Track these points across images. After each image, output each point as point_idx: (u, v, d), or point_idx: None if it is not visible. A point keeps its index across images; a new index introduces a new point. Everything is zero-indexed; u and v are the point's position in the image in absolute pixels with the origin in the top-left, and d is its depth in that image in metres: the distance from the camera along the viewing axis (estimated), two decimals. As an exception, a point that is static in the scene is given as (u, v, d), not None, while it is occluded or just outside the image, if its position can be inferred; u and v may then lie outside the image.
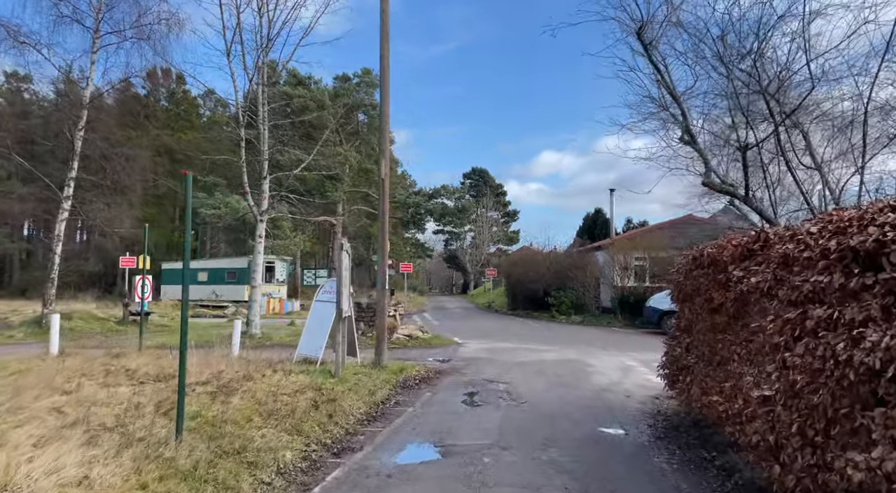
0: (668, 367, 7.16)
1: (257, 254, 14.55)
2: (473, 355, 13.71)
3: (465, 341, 16.60)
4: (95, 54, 16.27)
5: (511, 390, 9.28)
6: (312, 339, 10.32)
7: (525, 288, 31.40)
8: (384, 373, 9.76)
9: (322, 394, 7.42)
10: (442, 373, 10.91)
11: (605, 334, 20.69)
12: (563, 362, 12.60)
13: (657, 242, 24.48)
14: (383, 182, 10.17)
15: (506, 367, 11.74)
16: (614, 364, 12.31)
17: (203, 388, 6.85)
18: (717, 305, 5.64)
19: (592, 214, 42.84)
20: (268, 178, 14.60)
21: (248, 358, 9.90)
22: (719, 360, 5.64)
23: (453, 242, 79.84)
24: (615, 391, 9.32)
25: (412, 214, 33.60)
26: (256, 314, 14.73)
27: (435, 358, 13.07)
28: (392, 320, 15.31)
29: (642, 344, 16.81)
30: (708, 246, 6.00)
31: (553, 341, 17.41)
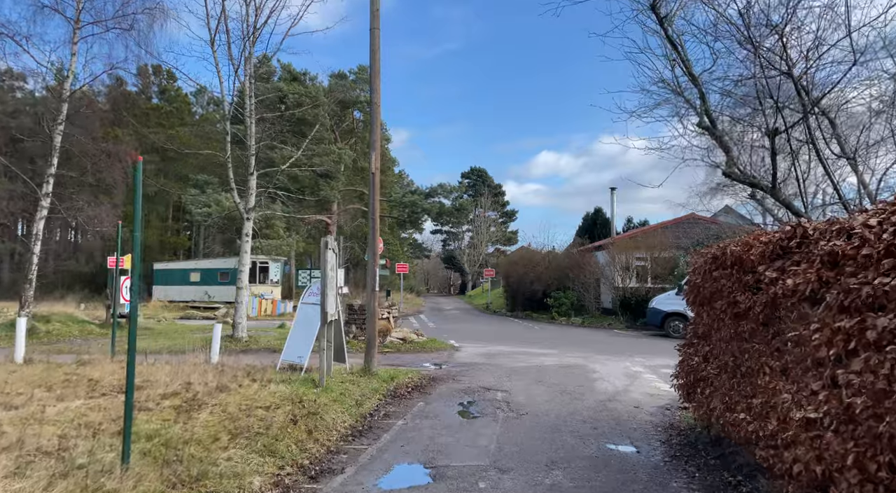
0: (684, 377, 6.50)
1: (244, 253, 13.87)
2: (470, 359, 13.06)
3: (462, 345, 15.95)
4: (76, 45, 15.58)
5: (510, 400, 8.63)
6: (297, 344, 9.66)
7: (524, 289, 30.78)
8: (374, 381, 9.10)
9: (303, 406, 6.76)
10: (436, 380, 10.26)
11: (607, 336, 20.06)
12: (565, 367, 11.95)
13: (660, 242, 23.87)
14: (373, 177, 9.51)
15: (504, 373, 11.09)
16: (619, 370, 11.66)
17: (169, 401, 6.18)
18: (743, 309, 4.99)
19: (592, 214, 42.18)
20: (255, 174, 13.93)
21: (227, 365, 9.23)
22: (745, 371, 4.99)
23: (451, 243, 79.29)
24: (622, 401, 8.67)
25: (409, 213, 32.93)
26: (243, 316, 14.05)
27: (430, 363, 12.42)
28: (385, 322, 14.65)
29: (646, 347, 16.18)
30: (731, 243, 5.35)
31: (553, 344, 16.77)
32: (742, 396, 4.94)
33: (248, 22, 13.22)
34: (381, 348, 14.01)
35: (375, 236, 9.49)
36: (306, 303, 10.13)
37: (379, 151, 9.63)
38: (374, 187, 9.53)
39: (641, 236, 25.19)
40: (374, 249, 9.51)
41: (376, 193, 9.55)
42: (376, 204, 9.51)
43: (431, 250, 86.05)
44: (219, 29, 13.20)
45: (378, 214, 9.47)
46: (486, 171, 75.96)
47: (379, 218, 35.68)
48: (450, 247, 78.62)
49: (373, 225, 9.48)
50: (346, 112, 33.23)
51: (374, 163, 9.47)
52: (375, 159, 9.49)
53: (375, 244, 9.51)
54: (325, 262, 7.94)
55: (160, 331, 16.14)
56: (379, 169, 9.57)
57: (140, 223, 4.37)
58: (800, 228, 4.35)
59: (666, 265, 23.89)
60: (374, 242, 9.51)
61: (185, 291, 33.23)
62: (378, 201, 9.55)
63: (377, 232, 9.51)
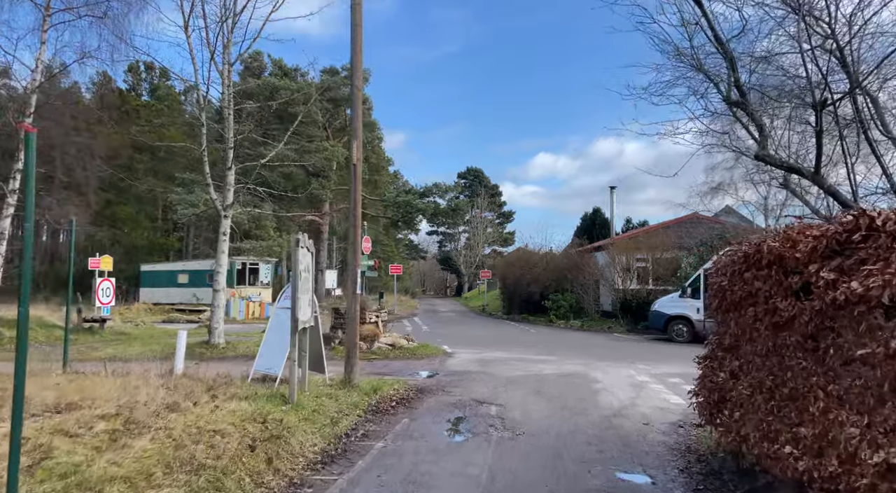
0: (705, 394, 5.62)
1: (220, 253, 12.96)
2: (463, 367, 12.17)
3: (455, 351, 15.06)
4: (46, 34, 14.67)
5: (505, 416, 7.75)
6: (271, 353, 8.77)
7: (521, 291, 29.92)
8: (354, 394, 8.20)
9: (266, 428, 5.86)
10: (425, 391, 9.37)
11: (608, 340, 19.19)
12: (565, 376, 11.07)
13: (661, 242, 23.02)
14: (355, 168, 8.63)
15: (499, 383, 10.20)
16: (623, 379, 10.78)
17: (104, 424, 5.28)
18: (786, 318, 4.12)
19: (591, 214, 41.32)
20: (233, 168, 13.03)
21: (192, 376, 8.34)
22: (788, 394, 4.12)
23: (447, 244, 78.37)
24: (630, 417, 7.79)
25: (402, 213, 32.03)
26: (220, 321, 13.13)
27: (419, 371, 11.53)
28: (373, 327, 13.76)
29: (650, 353, 15.31)
30: (768, 239, 4.47)
31: (552, 349, 15.89)
32: (785, 424, 4.06)
33: (227, 6, 12.34)
34: (369, 354, 13.13)
35: (357, 234, 8.60)
36: (281, 307, 9.24)
37: (361, 140, 8.75)
38: (355, 180, 8.64)
39: (642, 237, 24.34)
40: (356, 247, 8.63)
41: (358, 186, 8.66)
42: (358, 198, 8.63)
43: (427, 252, 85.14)
44: (193, 12, 12.32)
45: (360, 210, 8.59)
46: (483, 171, 75.17)
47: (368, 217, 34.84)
48: (446, 248, 77.69)
49: (354, 222, 8.59)
50: (339, 109, 32.31)
51: (355, 153, 8.59)
52: (357, 149, 8.61)
53: (357, 243, 8.62)
54: (297, 261, 7.05)
55: (136, 336, 15.23)
56: (361, 160, 8.69)
57: (31, 211, 3.47)
58: (864, 217, 3.48)
59: (668, 266, 23.04)
60: (356, 241, 8.62)
61: (172, 293, 32.27)
62: (360, 196, 8.67)
63: (359, 229, 8.63)
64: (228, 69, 12.84)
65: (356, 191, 8.60)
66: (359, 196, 8.62)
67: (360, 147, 8.70)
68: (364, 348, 13.36)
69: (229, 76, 12.84)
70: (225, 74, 12.83)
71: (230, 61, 12.87)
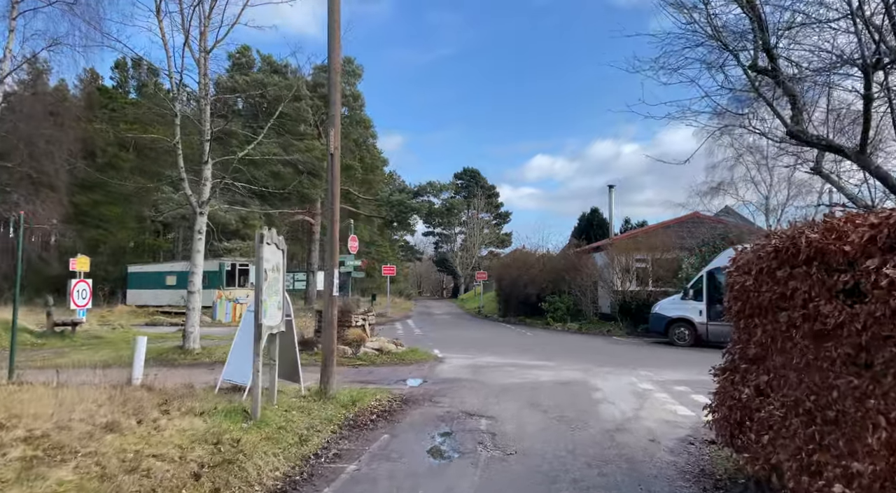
0: (724, 411, 4.87)
1: (196, 253, 12.17)
2: (454, 374, 11.41)
3: (447, 355, 14.29)
4: (14, 21, 13.89)
5: (496, 431, 6.99)
6: (241, 360, 8.00)
7: (517, 292, 29.15)
8: (330, 406, 7.44)
9: (218, 450, 5.10)
10: (410, 402, 8.60)
11: (607, 344, 18.45)
12: (562, 384, 10.32)
13: (662, 243, 22.29)
14: (332, 158, 7.87)
15: (492, 393, 9.44)
16: (624, 387, 10.03)
17: (22, 450, 4.50)
18: (832, 326, 3.37)
19: (588, 214, 40.57)
20: (210, 162, 12.26)
21: (150, 387, 7.57)
22: (835, 418, 3.38)
23: (443, 245, 77.62)
24: (633, 431, 7.04)
25: (396, 212, 31.27)
26: (195, 325, 12.34)
27: (406, 379, 10.77)
28: (359, 331, 13.00)
29: (651, 358, 14.56)
30: (806, 229, 3.73)
31: (549, 354, 15.14)
32: (833, 455, 3.32)
33: (202, -11, 11.58)
34: (354, 360, 12.37)
35: (335, 230, 7.84)
36: (253, 311, 8.48)
37: (338, 128, 7.99)
38: (332, 171, 7.88)
39: (642, 237, 23.62)
40: (332, 245, 7.86)
41: (335, 179, 7.90)
42: (336, 191, 7.86)
43: (423, 253, 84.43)
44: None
45: (338, 205, 7.83)
46: (480, 171, 74.53)
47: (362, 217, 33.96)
48: (442, 249, 76.96)
49: (332, 216, 7.83)
50: (331, 106, 31.63)
51: (332, 142, 7.83)
52: (335, 137, 7.85)
53: (334, 240, 7.86)
54: (261, 259, 6.29)
55: (110, 340, 14.44)
56: (338, 149, 7.93)
57: None
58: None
59: (668, 267, 22.31)
60: (333, 238, 7.86)
61: (160, 295, 31.45)
62: (338, 188, 7.90)
63: (337, 225, 7.86)
64: (205, 57, 12.08)
65: (334, 183, 7.84)
66: (336, 189, 7.86)
67: (338, 135, 7.94)
68: (349, 354, 12.60)
69: (206, 65, 12.08)
70: (202, 63, 12.07)
71: (206, 49, 12.11)
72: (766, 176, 34.56)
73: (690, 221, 24.49)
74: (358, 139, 33.91)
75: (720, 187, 35.83)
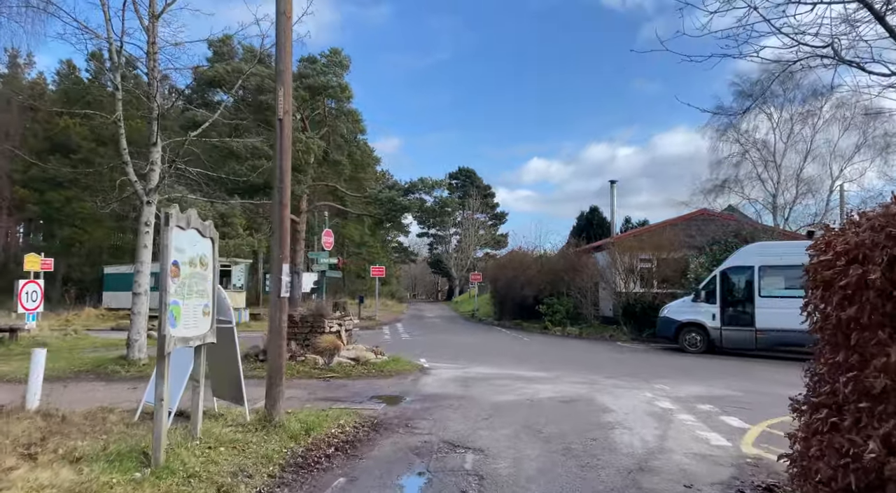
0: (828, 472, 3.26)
1: (142, 249, 10.49)
2: (439, 389, 9.82)
3: (434, 365, 12.70)
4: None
5: (485, 471, 5.40)
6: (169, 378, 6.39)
7: (513, 294, 27.61)
8: (274, 438, 5.83)
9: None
10: (381, 428, 7.01)
11: (611, 351, 16.89)
12: (566, 402, 8.74)
13: (668, 241, 20.76)
14: (281, 124, 6.27)
15: (482, 413, 7.86)
16: (640, 406, 8.46)
17: None
18: None
19: (587, 213, 39.02)
20: (159, 144, 10.66)
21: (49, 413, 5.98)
22: None
23: (438, 246, 76.05)
24: (661, 472, 5.46)
25: (386, 210, 29.71)
26: (141, 332, 10.72)
27: (384, 395, 9.17)
28: (333, 338, 11.40)
29: (664, 368, 12.99)
30: None
31: (548, 363, 13.58)
32: None
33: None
34: (325, 372, 10.76)
35: (284, 216, 6.25)
36: None
37: (289, 87, 6.40)
38: (281, 141, 6.28)
39: (647, 235, 22.09)
40: (281, 233, 6.26)
41: (285, 151, 6.30)
42: (285, 165, 6.27)
43: (418, 255, 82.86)
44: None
45: (288, 183, 6.24)
46: (475, 171, 73.10)
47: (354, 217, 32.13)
48: (436, 250, 75.39)
49: (280, 197, 6.23)
50: (317, 99, 29.98)
51: (281, 104, 6.24)
52: (285, 99, 6.26)
53: (283, 228, 6.26)
54: (167, 248, 4.70)
55: (54, 349, 12.81)
56: (290, 114, 6.34)
57: None
58: None
59: (676, 267, 20.80)
60: (282, 225, 6.26)
61: (136, 297, 29.75)
62: (288, 163, 6.31)
63: (286, 209, 6.27)
64: (154, 23, 10.48)
65: (283, 155, 6.24)
66: (286, 163, 6.27)
67: (289, 96, 6.35)
68: (320, 365, 11.00)
69: (154, 32, 10.48)
70: (150, 30, 10.48)
71: (155, 13, 10.50)
72: (773, 173, 33.13)
73: (698, 218, 22.97)
74: (346, 134, 32.36)
75: (725, 185, 34.37)
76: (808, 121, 32.36)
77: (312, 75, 29.05)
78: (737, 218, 22.27)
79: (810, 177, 32.22)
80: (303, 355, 11.16)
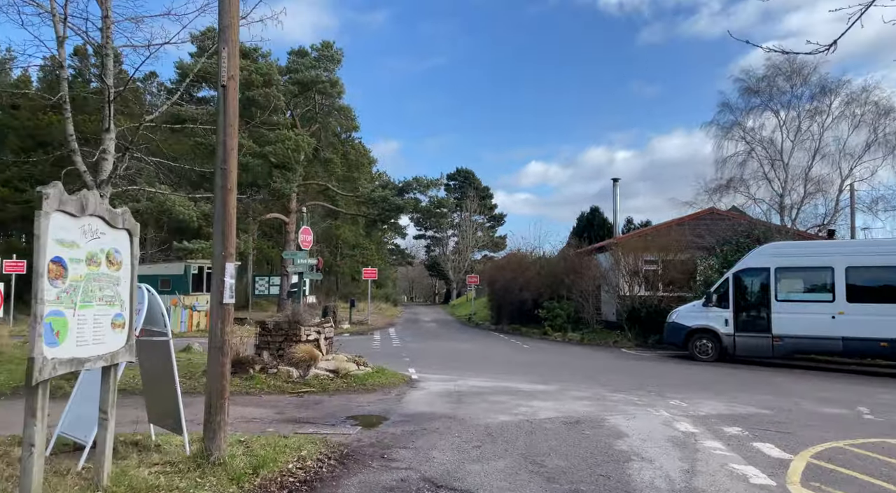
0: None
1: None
2: (426, 406, 8.63)
3: (424, 376, 11.53)
4: None
5: (473, 528, 4.22)
6: (84, 406, 5.25)
7: (511, 298, 26.44)
8: (210, 480, 4.64)
9: None
10: (351, 461, 5.82)
11: (616, 359, 15.72)
12: (571, 424, 7.55)
13: (675, 242, 19.60)
14: (225, 91, 5.13)
15: (473, 440, 6.67)
16: (658, 429, 7.28)
17: None
18: None
19: (588, 214, 37.85)
20: (112, 130, 9.49)
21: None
22: None
23: (435, 248, 74.86)
24: (699, 529, 4.28)
25: (380, 210, 28.56)
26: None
27: (361, 415, 7.99)
28: (310, 348, 10.22)
29: (676, 378, 11.79)
30: None
31: (548, 373, 12.41)
32: None
33: None
34: (299, 386, 9.58)
35: (227, 199, 5.08)
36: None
37: (235, 47, 5.25)
38: (225, 113, 5.12)
39: (652, 235, 20.93)
40: (224, 221, 5.09)
41: (231, 125, 5.14)
42: (231, 142, 5.11)
43: (415, 257, 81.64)
44: None
45: (234, 166, 5.09)
46: (474, 172, 72.01)
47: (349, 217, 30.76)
48: (433, 253, 74.20)
49: (223, 180, 5.07)
50: (307, 94, 28.83)
51: (225, 68, 5.08)
52: (229, 61, 5.11)
53: (228, 213, 5.09)
54: (42, 240, 3.51)
55: (9, 357, 11.65)
56: (236, 80, 5.19)
57: None
58: None
59: (682, 269, 19.65)
60: (226, 210, 5.09)
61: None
62: (233, 139, 5.16)
63: (231, 193, 5.10)
64: (104, -8, 9.33)
65: (227, 131, 5.08)
66: (232, 139, 5.11)
67: (235, 58, 5.20)
68: (294, 378, 9.81)
69: (108, 4, 9.32)
70: (103, 3, 9.32)
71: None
72: (780, 172, 32.01)
73: (706, 217, 21.83)
74: (338, 131, 31.23)
75: (730, 185, 33.24)
76: (815, 118, 31.28)
77: (302, 70, 27.93)
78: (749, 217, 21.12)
79: (819, 176, 31.09)
80: (275, 366, 9.98)
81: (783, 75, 31.71)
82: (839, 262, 13.76)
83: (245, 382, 9.53)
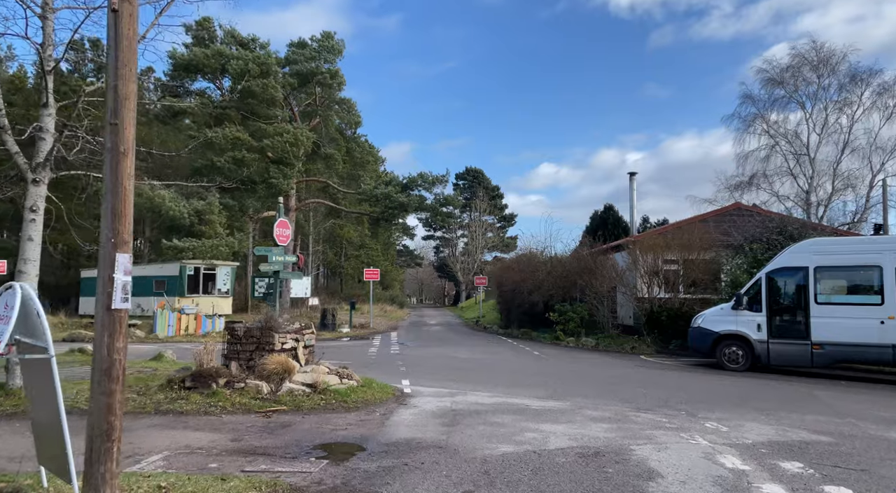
0: None
1: (27, 242, 7.92)
2: (414, 431, 7.20)
3: (418, 390, 10.11)
4: None
5: None
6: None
7: (521, 300, 24.96)
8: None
9: None
10: (300, 516, 4.42)
11: (636, 368, 14.19)
12: (589, 456, 6.09)
13: (699, 239, 18.02)
14: (116, 16, 3.72)
15: (465, 482, 5.24)
16: (698, 465, 5.79)
17: None
18: None
19: (601, 212, 36.22)
20: (52, 105, 8.20)
21: None
22: None
23: (444, 249, 73.49)
24: None
25: (383, 208, 27.22)
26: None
27: (332, 443, 6.58)
28: (284, 358, 8.84)
29: (707, 393, 10.20)
30: None
31: (560, 386, 10.94)
32: None
33: None
34: (268, 404, 8.20)
35: (121, 168, 3.72)
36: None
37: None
38: (116, 47, 3.75)
39: (673, 232, 19.33)
40: (114, 198, 3.74)
41: (124, 60, 3.77)
42: (125, 88, 3.74)
43: (424, 258, 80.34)
44: None
45: (130, 120, 3.74)
46: (483, 171, 70.56)
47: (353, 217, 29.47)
48: (442, 254, 72.82)
49: (115, 136, 3.70)
50: (307, 86, 27.56)
51: None
52: None
53: (120, 188, 3.73)
54: None
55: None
56: (135, 3, 3.81)
57: None
58: None
59: (706, 269, 18.08)
60: (119, 182, 3.73)
61: (113, 303, 27.39)
62: (129, 85, 3.80)
63: (127, 159, 3.74)
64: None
65: (120, 69, 3.71)
66: (126, 85, 3.73)
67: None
68: (264, 394, 8.44)
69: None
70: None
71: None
72: (806, 168, 30.27)
73: (733, 212, 20.22)
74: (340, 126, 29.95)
75: (752, 181, 31.54)
76: (844, 110, 29.52)
77: (302, 61, 26.67)
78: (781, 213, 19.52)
79: (848, 171, 29.38)
80: (243, 380, 8.62)
81: (809, 65, 29.99)
82: (889, 260, 12.20)
83: (205, 399, 8.17)
